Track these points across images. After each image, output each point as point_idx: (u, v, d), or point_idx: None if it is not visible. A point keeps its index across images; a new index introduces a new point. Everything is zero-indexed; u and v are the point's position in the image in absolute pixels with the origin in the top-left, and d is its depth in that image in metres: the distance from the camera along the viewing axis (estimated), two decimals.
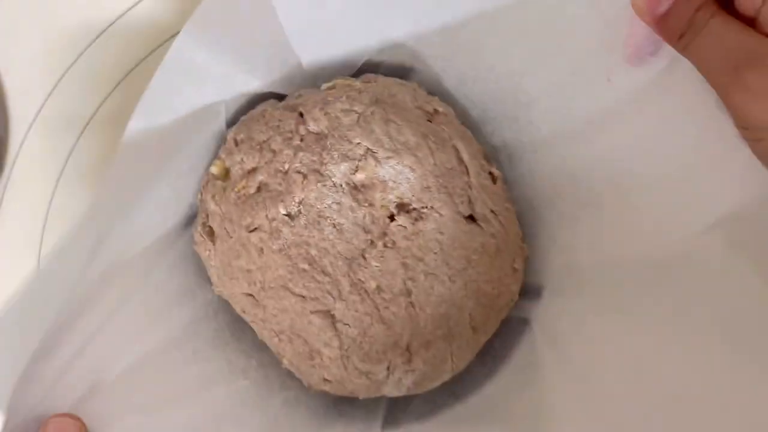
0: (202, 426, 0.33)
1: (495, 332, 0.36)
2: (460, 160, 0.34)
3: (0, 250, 0.49)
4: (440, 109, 0.36)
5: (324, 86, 0.36)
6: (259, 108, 0.36)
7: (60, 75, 0.50)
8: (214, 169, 0.35)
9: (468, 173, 0.34)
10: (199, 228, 0.35)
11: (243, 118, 0.36)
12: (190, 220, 0.37)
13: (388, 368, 0.33)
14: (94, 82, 0.50)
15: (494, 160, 0.37)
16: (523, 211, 0.37)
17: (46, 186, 0.49)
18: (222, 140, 0.36)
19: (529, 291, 0.36)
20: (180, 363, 0.34)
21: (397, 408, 0.37)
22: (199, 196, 0.36)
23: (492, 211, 0.34)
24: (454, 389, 0.36)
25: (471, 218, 0.34)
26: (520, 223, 0.36)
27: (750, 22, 0.25)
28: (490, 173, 0.35)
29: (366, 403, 0.36)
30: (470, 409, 0.35)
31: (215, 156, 0.36)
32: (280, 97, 0.37)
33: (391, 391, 0.34)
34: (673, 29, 0.26)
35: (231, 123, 0.37)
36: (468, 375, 0.36)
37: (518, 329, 0.36)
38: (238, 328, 0.37)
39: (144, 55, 0.51)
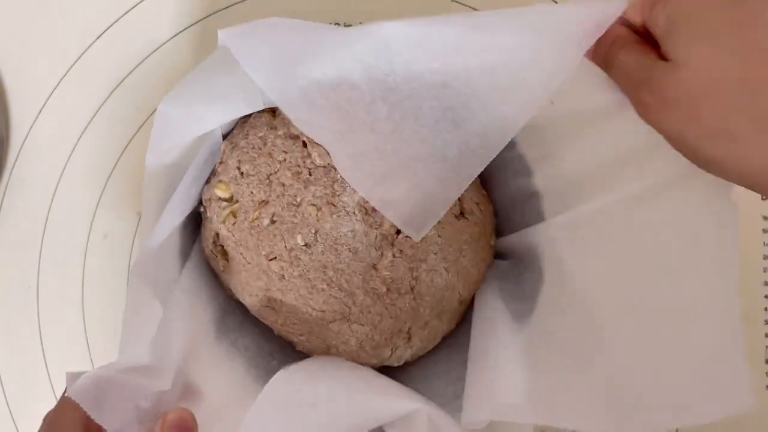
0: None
1: None
2: None
3: (1, 250, 0.49)
4: None
5: None
6: (257, 132, 0.36)
7: (61, 76, 0.50)
8: (221, 193, 0.36)
9: None
10: (211, 247, 0.37)
11: (242, 143, 0.36)
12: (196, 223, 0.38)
13: (392, 350, 0.38)
14: (96, 82, 0.50)
15: None
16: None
17: (48, 186, 0.49)
18: (219, 153, 0.37)
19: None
20: (224, 357, 0.37)
21: None
22: (202, 209, 0.37)
23: (476, 203, 0.38)
24: None
25: (461, 214, 0.38)
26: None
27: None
28: None
29: None
30: None
31: (213, 166, 0.37)
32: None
33: (392, 363, 0.39)
34: (600, 62, 0.30)
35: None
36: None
37: None
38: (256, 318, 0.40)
39: (146, 55, 0.51)
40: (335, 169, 0.35)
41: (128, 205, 0.48)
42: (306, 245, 0.35)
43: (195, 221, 0.39)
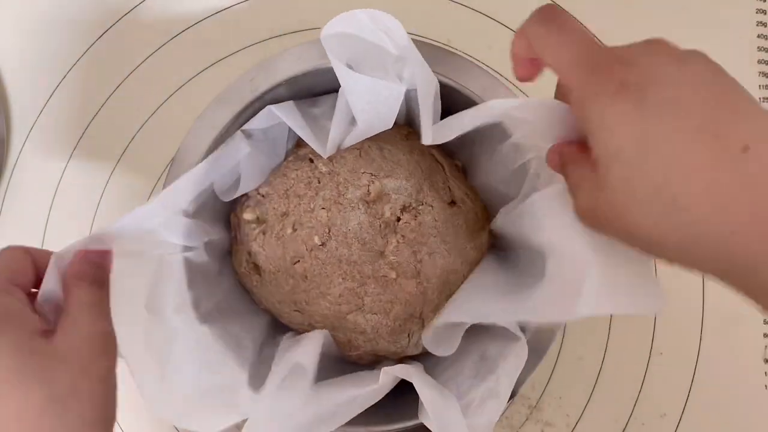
0: None
1: None
2: (436, 161, 0.43)
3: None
4: (410, 130, 0.44)
5: None
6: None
7: (62, 76, 0.50)
8: (248, 216, 0.41)
9: (444, 169, 0.43)
10: (244, 264, 0.42)
11: None
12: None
13: (408, 335, 0.42)
14: (96, 82, 0.50)
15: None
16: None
17: (48, 186, 0.49)
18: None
19: None
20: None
21: None
22: (232, 234, 0.43)
23: (465, 194, 0.43)
24: None
25: (452, 203, 0.42)
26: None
27: None
28: (455, 165, 0.44)
29: None
30: None
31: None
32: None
33: (411, 351, 0.42)
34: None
35: None
36: None
37: None
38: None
39: (146, 56, 0.51)
40: (339, 173, 0.40)
41: (129, 205, 0.48)
42: (322, 244, 0.40)
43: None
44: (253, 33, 0.49)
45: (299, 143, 0.43)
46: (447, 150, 0.44)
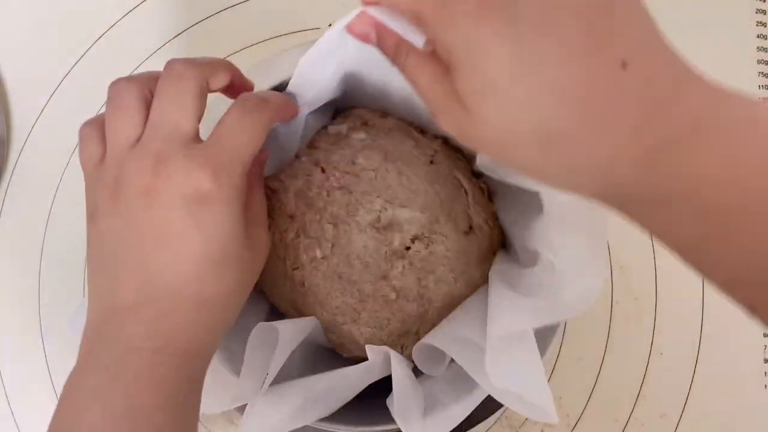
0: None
1: None
2: (461, 186, 0.41)
3: (2, 250, 0.49)
4: (437, 149, 0.42)
5: (332, 129, 0.42)
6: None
7: (62, 76, 0.50)
8: None
9: (467, 195, 0.41)
10: None
11: (270, 166, 0.41)
12: None
13: (402, 348, 0.41)
14: (96, 83, 0.50)
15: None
16: None
17: (49, 186, 0.49)
18: None
19: None
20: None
21: None
22: None
23: (485, 221, 0.41)
24: None
25: (469, 229, 0.41)
26: None
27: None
28: (480, 188, 0.42)
29: None
30: None
31: None
32: None
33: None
34: (389, 56, 0.29)
35: None
36: None
37: None
38: None
39: (145, 56, 0.51)
40: (351, 192, 0.39)
41: None
42: (324, 257, 0.39)
43: None
44: (253, 33, 0.49)
45: (311, 144, 0.42)
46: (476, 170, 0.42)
